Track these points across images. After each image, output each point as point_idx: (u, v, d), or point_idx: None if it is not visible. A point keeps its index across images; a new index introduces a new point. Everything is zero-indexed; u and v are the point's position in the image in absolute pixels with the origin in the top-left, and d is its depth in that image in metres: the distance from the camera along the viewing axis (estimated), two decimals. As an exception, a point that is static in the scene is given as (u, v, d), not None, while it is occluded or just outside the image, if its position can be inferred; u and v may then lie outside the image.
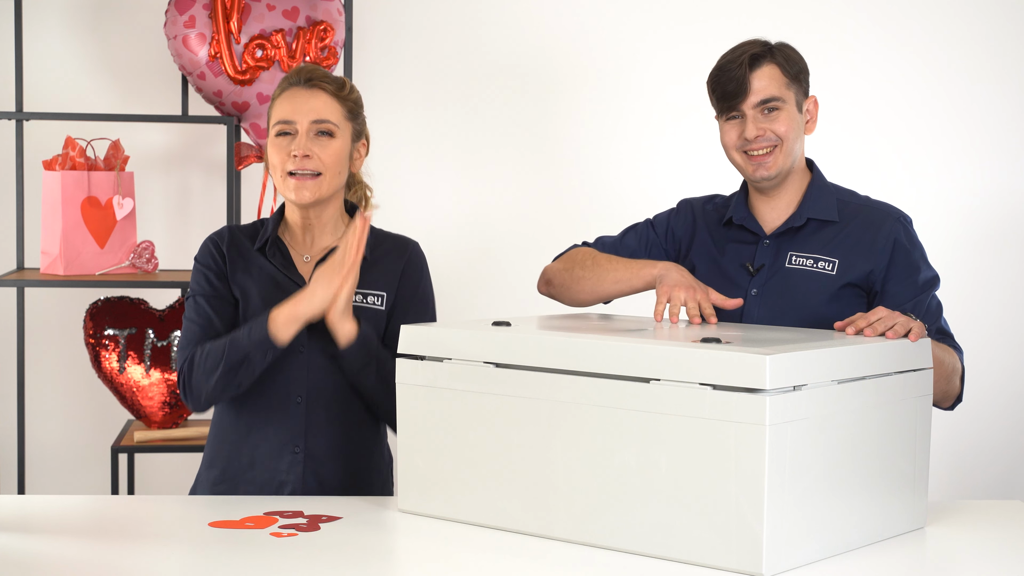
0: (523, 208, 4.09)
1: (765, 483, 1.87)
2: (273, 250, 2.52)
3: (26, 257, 3.84)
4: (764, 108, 2.49)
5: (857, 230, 2.52)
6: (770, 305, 2.51)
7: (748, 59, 2.49)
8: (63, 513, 2.27)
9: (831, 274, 2.50)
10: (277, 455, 2.47)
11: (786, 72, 2.50)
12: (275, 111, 2.50)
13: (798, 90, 2.52)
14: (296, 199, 2.47)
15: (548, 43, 4.07)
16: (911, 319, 2.20)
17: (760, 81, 2.49)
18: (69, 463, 4.03)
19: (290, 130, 2.47)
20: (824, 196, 2.56)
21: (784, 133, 2.50)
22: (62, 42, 3.98)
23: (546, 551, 2.03)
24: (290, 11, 3.58)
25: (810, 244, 2.53)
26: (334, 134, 2.49)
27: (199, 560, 2.02)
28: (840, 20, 4.06)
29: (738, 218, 2.59)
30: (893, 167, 4.08)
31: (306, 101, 2.48)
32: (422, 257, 2.60)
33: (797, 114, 2.52)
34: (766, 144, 2.50)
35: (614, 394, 2.00)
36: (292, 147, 2.46)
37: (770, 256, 2.55)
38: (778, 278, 2.53)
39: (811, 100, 2.56)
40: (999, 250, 4.09)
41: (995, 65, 4.08)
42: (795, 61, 2.53)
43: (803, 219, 2.54)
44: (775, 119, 2.50)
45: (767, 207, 2.58)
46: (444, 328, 2.23)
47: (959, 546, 2.12)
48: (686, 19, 4.06)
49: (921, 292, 2.49)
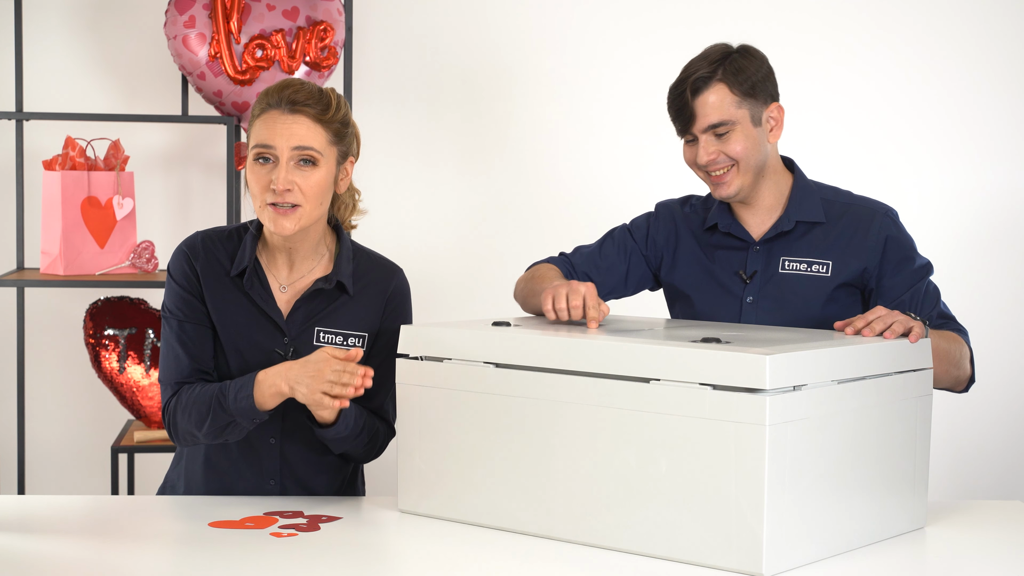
0: (524, 208, 4.09)
1: (765, 483, 1.87)
2: (251, 280, 2.38)
3: (26, 257, 3.84)
4: (715, 132, 2.45)
5: (847, 229, 2.51)
6: (766, 311, 2.50)
7: (691, 85, 2.45)
8: (63, 513, 2.27)
9: (826, 276, 2.49)
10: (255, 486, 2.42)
11: (736, 90, 2.44)
12: (254, 133, 2.33)
13: (753, 104, 2.46)
14: (276, 230, 2.31)
15: (549, 43, 4.07)
16: (910, 318, 2.20)
17: (705, 106, 2.44)
18: (69, 463, 4.03)
19: (269, 155, 2.30)
20: (809, 197, 2.54)
21: (738, 154, 2.45)
22: (62, 42, 3.98)
23: (546, 551, 2.03)
24: (290, 11, 3.58)
25: (801, 248, 2.52)
26: (317, 162, 2.31)
27: (199, 560, 2.01)
28: (841, 20, 4.06)
29: (723, 225, 2.56)
30: (897, 166, 4.07)
31: (288, 127, 2.29)
32: (406, 291, 2.48)
33: (753, 129, 2.46)
34: (722, 165, 2.47)
35: (614, 394, 2.00)
36: (272, 177, 2.29)
37: (762, 262, 2.53)
38: (772, 284, 2.52)
39: (773, 107, 2.49)
40: (1001, 249, 4.09)
41: (998, 64, 4.08)
42: (748, 74, 2.45)
43: (792, 223, 2.52)
44: (727, 140, 2.45)
45: (749, 214, 2.56)
46: (444, 328, 2.23)
47: (959, 546, 2.12)
48: (688, 20, 4.06)
49: (917, 281, 2.49)
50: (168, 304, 2.42)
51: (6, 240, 3.94)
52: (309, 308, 2.39)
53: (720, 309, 2.54)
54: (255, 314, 2.39)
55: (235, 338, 2.39)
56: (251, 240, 2.41)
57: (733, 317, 2.52)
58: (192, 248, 2.42)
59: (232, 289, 2.40)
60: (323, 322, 2.39)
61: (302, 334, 2.39)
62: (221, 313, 2.39)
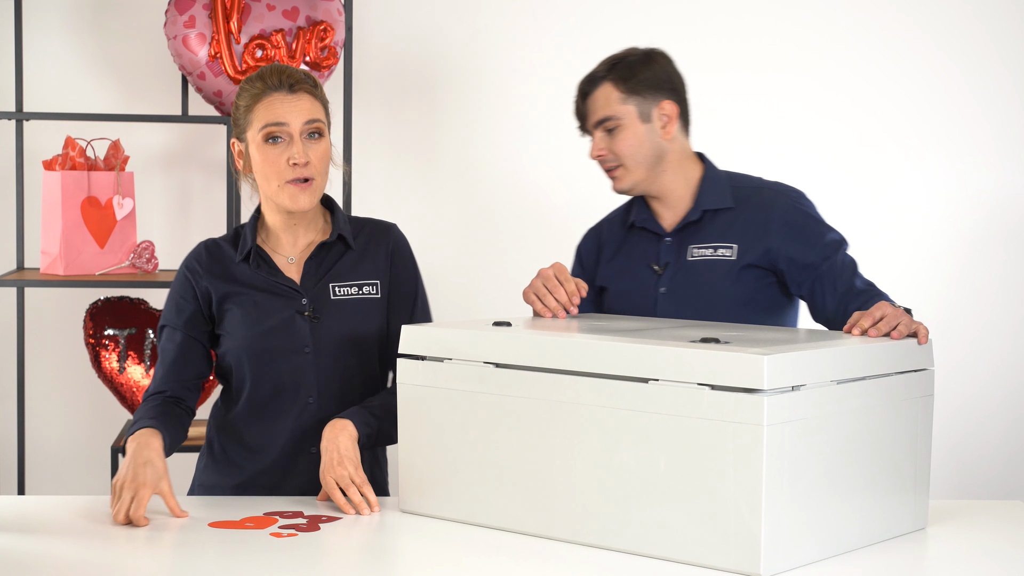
0: (525, 208, 4.09)
1: (763, 483, 1.87)
2: (257, 261, 2.50)
3: (26, 257, 3.84)
4: (604, 128, 2.58)
5: (751, 212, 2.58)
6: (679, 300, 2.57)
7: (582, 87, 2.61)
8: (63, 513, 2.27)
9: (731, 259, 2.57)
10: (292, 457, 2.47)
11: (621, 87, 2.57)
12: (259, 115, 2.43)
13: (640, 100, 2.57)
14: (297, 207, 2.44)
15: (549, 43, 4.07)
16: (913, 320, 2.20)
17: (593, 104, 2.59)
18: (69, 463, 4.03)
19: (281, 133, 2.41)
20: (717, 186, 2.62)
21: (622, 151, 2.57)
22: (62, 42, 3.98)
23: (546, 551, 2.03)
24: (290, 11, 3.58)
25: (708, 235, 2.60)
26: (323, 133, 2.45)
27: (199, 560, 2.02)
28: (842, 19, 4.06)
29: (639, 221, 2.66)
30: (899, 166, 4.07)
31: (295, 104, 2.42)
32: (406, 240, 2.59)
33: (641, 125, 2.57)
34: (610, 162, 2.60)
35: (613, 394, 2.00)
36: (290, 153, 2.40)
37: (672, 253, 2.61)
38: (682, 273, 2.59)
39: (664, 104, 2.58)
40: (1003, 249, 4.08)
41: (1002, 63, 4.08)
42: (638, 73, 2.57)
43: (699, 213, 2.60)
44: (615, 138, 2.58)
45: (662, 207, 2.65)
46: (444, 328, 2.23)
47: (960, 546, 2.12)
48: (691, 17, 4.06)
49: (833, 253, 2.55)
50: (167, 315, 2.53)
51: (6, 240, 3.95)
52: (318, 267, 2.50)
53: (636, 302, 2.61)
54: (270, 287, 2.48)
55: (257, 313, 2.47)
56: (251, 227, 2.52)
57: (649, 309, 2.60)
58: (198, 258, 2.54)
59: (242, 274, 2.50)
60: (334, 278, 2.50)
61: (319, 293, 2.49)
62: (237, 298, 2.48)
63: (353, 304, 2.49)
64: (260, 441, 2.48)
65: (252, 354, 2.46)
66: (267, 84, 2.43)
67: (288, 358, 2.46)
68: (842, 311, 2.48)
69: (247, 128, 2.45)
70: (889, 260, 4.04)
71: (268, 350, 2.46)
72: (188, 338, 2.49)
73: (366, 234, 2.55)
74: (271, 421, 2.48)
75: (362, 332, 2.49)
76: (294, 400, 2.47)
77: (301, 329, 2.46)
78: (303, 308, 2.47)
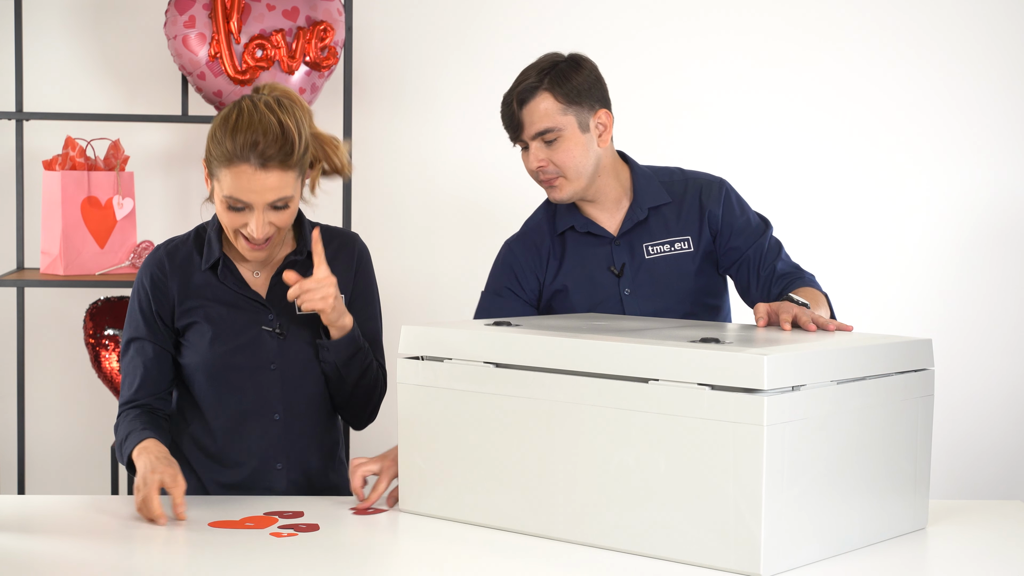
0: (525, 207, 4.08)
1: (763, 483, 1.87)
2: (224, 272, 2.45)
3: (26, 257, 3.84)
4: (543, 139, 2.56)
5: (691, 203, 2.64)
6: (645, 299, 2.60)
7: (517, 96, 2.57)
8: (63, 513, 2.27)
9: (690, 251, 2.62)
10: (260, 472, 2.46)
11: (560, 97, 2.55)
12: (223, 182, 2.32)
13: (579, 111, 2.56)
14: (250, 259, 2.41)
15: (549, 43, 4.07)
16: (794, 305, 2.29)
17: (533, 115, 2.56)
18: (69, 463, 4.03)
19: (243, 206, 2.33)
20: (651, 184, 2.66)
21: (564, 162, 2.57)
22: (62, 42, 3.98)
23: (546, 551, 2.03)
24: (290, 11, 3.58)
25: (658, 231, 2.63)
26: (289, 204, 2.36)
27: (199, 560, 2.02)
28: (843, 18, 4.06)
29: (580, 226, 2.66)
30: (900, 165, 4.07)
31: (260, 182, 2.30)
32: (368, 254, 2.58)
33: (581, 135, 2.57)
34: (551, 174, 2.58)
35: (613, 394, 2.00)
36: (247, 223, 2.34)
37: (627, 254, 2.63)
38: (643, 272, 2.62)
39: (601, 114, 2.59)
40: (1003, 249, 4.08)
41: (1002, 63, 4.08)
42: (574, 82, 2.56)
43: (644, 211, 2.63)
44: (556, 148, 2.56)
45: (598, 211, 2.66)
46: (444, 328, 2.23)
47: (960, 546, 2.12)
48: (688, 14, 4.06)
49: (758, 238, 2.62)
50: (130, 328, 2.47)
51: (6, 240, 3.94)
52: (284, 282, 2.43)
53: (601, 305, 2.63)
54: (236, 301, 2.44)
55: (222, 328, 2.43)
56: (216, 235, 2.46)
57: (615, 310, 2.62)
58: (159, 265, 2.46)
59: (207, 284, 2.45)
60: None
61: (285, 308, 2.45)
62: (202, 309, 2.44)
63: (318, 319, 2.45)
64: (225, 456, 2.47)
65: (217, 370, 2.43)
66: (237, 153, 2.30)
67: (253, 375, 2.44)
68: (765, 293, 2.57)
69: (214, 174, 2.36)
70: (889, 260, 4.04)
71: (233, 367, 2.43)
72: (159, 349, 2.45)
73: (333, 247, 2.51)
74: (236, 437, 2.46)
75: None
76: (259, 416, 2.45)
77: (267, 345, 2.44)
78: (270, 324, 2.44)
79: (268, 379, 2.44)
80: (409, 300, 4.03)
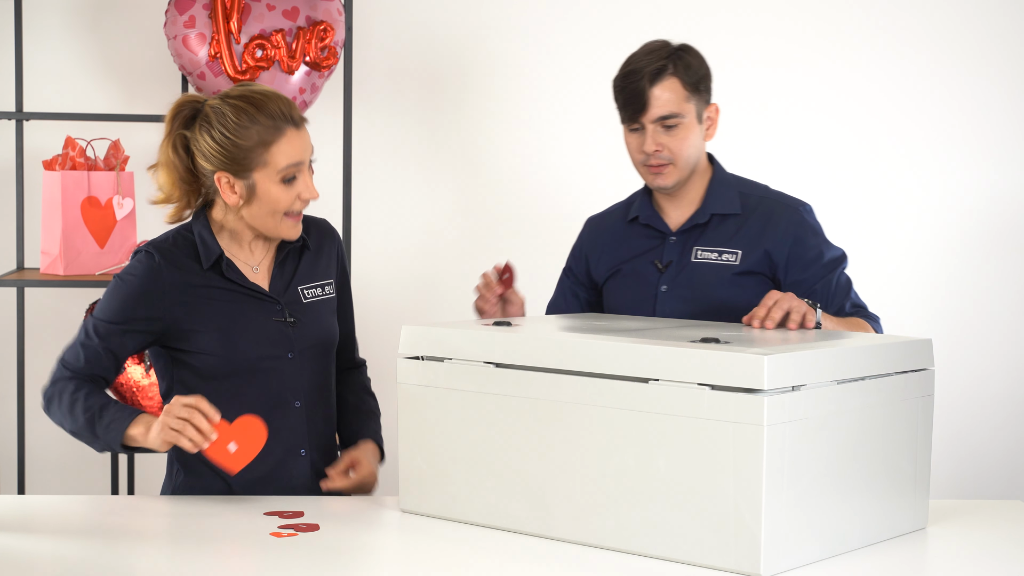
0: (525, 207, 4.09)
1: (763, 483, 1.87)
2: (230, 269, 2.46)
3: (26, 257, 3.84)
4: (663, 123, 2.54)
5: (758, 221, 2.59)
6: (679, 300, 2.58)
7: (650, 73, 2.52)
8: (63, 513, 2.27)
9: (734, 264, 2.57)
10: (283, 461, 2.47)
11: (687, 84, 2.54)
12: (278, 158, 2.38)
13: (698, 100, 2.56)
14: (292, 237, 2.46)
15: (549, 43, 4.07)
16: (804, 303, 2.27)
17: (660, 96, 2.53)
18: (69, 463, 4.03)
19: (294, 176, 2.41)
20: (726, 191, 2.62)
21: (680, 150, 2.55)
22: (62, 42, 3.98)
23: (546, 551, 2.03)
24: (290, 11, 3.58)
25: (714, 238, 2.60)
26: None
27: (199, 560, 2.02)
28: (842, 17, 4.06)
29: (644, 217, 2.66)
30: (899, 165, 4.07)
31: (305, 140, 2.42)
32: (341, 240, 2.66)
33: (697, 125, 2.57)
34: (663, 160, 2.56)
35: (613, 394, 2.00)
36: (300, 190, 2.41)
37: (676, 252, 2.61)
38: (685, 273, 2.60)
39: (712, 108, 2.59)
40: (1003, 249, 4.09)
41: (1001, 63, 4.08)
42: (695, 70, 2.56)
43: (707, 216, 2.60)
44: (674, 135, 2.54)
45: (671, 205, 2.65)
46: (444, 328, 2.23)
47: (960, 546, 2.12)
48: (688, 14, 4.06)
49: (828, 273, 2.57)
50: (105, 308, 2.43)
51: (6, 240, 3.95)
52: (286, 272, 2.51)
53: (635, 298, 2.62)
54: (244, 296, 2.46)
55: (237, 325, 2.44)
56: (209, 234, 2.46)
57: (648, 305, 2.60)
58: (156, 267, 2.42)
59: (210, 284, 2.44)
60: (300, 281, 2.52)
61: (291, 298, 2.50)
62: (205, 309, 2.43)
63: (321, 305, 2.53)
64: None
65: (238, 366, 2.43)
66: (275, 123, 2.38)
67: (275, 366, 2.45)
68: None
69: (256, 167, 2.38)
70: (889, 259, 4.04)
71: (255, 361, 2.44)
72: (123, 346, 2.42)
73: (316, 234, 2.57)
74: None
75: (332, 331, 2.55)
76: (283, 406, 2.46)
77: (283, 335, 2.46)
78: (280, 315, 2.47)
79: (288, 368, 2.47)
80: (409, 300, 4.03)
